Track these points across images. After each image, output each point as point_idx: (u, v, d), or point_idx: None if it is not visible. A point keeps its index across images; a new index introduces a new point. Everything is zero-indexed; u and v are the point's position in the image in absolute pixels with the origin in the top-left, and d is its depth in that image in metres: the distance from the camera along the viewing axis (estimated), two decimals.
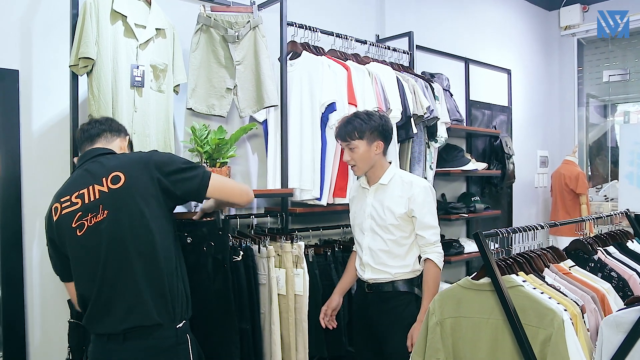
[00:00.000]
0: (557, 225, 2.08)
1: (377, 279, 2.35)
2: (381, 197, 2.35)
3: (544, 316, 1.53)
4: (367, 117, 2.32)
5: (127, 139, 2.04)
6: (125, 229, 1.72)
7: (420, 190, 2.30)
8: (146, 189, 1.75)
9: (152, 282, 1.72)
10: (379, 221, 2.34)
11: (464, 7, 4.91)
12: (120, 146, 1.98)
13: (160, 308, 1.72)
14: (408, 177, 2.39)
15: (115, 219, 1.72)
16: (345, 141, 2.33)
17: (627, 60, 6.03)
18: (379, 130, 2.31)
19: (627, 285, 1.96)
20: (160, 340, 1.73)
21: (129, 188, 1.74)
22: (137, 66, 2.41)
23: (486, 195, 4.93)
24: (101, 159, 1.84)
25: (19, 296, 2.40)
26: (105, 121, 2.00)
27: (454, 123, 4.03)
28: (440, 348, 1.74)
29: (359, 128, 2.29)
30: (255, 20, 2.83)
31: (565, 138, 6.24)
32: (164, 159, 1.82)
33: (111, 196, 1.73)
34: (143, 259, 1.72)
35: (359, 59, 3.35)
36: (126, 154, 1.92)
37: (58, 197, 1.81)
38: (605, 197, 5.97)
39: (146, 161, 1.79)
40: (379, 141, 2.32)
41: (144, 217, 1.73)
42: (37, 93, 2.46)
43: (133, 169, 1.77)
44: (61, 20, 2.44)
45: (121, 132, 2.01)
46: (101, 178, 1.76)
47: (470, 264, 4.63)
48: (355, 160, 2.33)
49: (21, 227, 2.41)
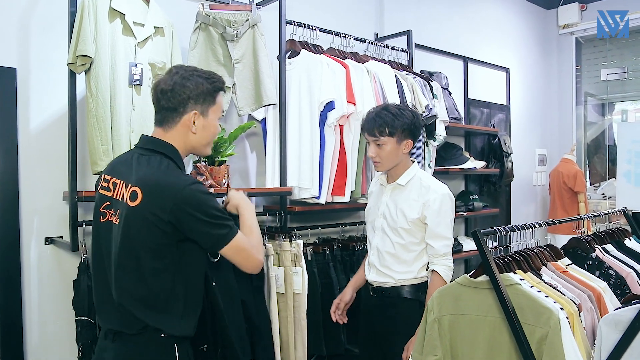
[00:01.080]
0: (555, 223, 2.07)
1: (380, 282, 2.26)
2: (396, 198, 2.24)
3: (540, 315, 1.53)
4: (399, 112, 2.15)
5: (206, 105, 1.66)
6: (122, 251, 1.57)
7: (437, 197, 2.16)
8: (150, 227, 1.53)
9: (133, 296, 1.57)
10: (390, 222, 2.23)
11: (462, 6, 4.91)
12: (184, 132, 1.65)
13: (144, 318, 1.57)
14: (427, 180, 2.25)
15: (121, 235, 1.57)
16: (373, 136, 2.16)
17: (624, 59, 6.03)
18: (410, 128, 2.16)
19: (624, 283, 1.96)
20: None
21: (137, 213, 1.54)
22: (136, 64, 2.41)
23: (484, 194, 4.94)
24: (142, 159, 1.62)
25: (17, 296, 2.39)
26: (169, 91, 1.62)
27: (453, 121, 4.03)
28: (438, 345, 1.74)
29: (391, 124, 2.13)
30: (254, 18, 2.83)
31: (563, 136, 6.24)
32: (193, 202, 1.54)
33: (126, 211, 1.57)
34: (127, 273, 1.58)
35: (358, 57, 3.35)
36: (162, 167, 1.60)
37: (110, 169, 1.69)
38: (603, 195, 5.98)
39: (173, 194, 1.53)
40: (408, 140, 2.18)
41: (137, 256, 1.55)
42: (35, 91, 2.46)
43: (153, 194, 1.54)
44: (59, 18, 2.44)
45: (187, 102, 1.63)
46: (128, 183, 1.59)
47: (468, 262, 4.64)
48: (381, 157, 2.18)
49: (19, 226, 2.41)
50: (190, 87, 1.62)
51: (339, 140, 3.00)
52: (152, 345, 1.58)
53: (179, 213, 1.52)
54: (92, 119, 2.29)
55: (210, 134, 1.71)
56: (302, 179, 2.92)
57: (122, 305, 1.57)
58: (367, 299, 2.37)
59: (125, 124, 2.37)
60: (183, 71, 1.65)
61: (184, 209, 1.53)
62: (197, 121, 1.65)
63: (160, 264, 1.57)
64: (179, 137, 1.66)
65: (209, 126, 1.68)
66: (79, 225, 2.31)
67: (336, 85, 2.95)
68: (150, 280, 1.56)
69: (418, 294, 2.23)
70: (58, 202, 2.48)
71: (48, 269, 2.48)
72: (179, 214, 1.53)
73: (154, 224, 1.53)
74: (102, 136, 2.30)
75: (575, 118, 6.21)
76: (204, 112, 1.66)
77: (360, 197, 3.15)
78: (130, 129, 2.39)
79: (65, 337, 2.46)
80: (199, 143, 1.70)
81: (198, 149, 1.72)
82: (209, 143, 1.74)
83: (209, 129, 1.69)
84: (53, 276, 2.49)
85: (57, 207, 2.49)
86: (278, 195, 3.00)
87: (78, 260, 2.37)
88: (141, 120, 2.43)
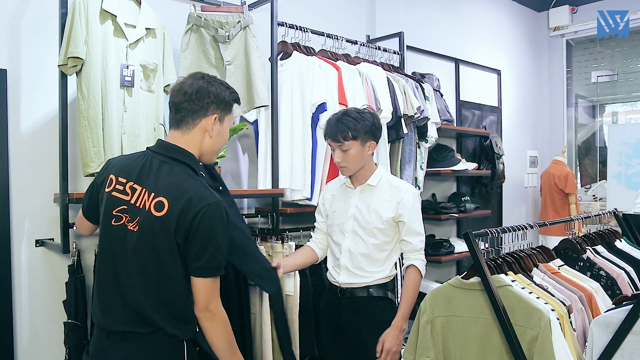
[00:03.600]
0: (547, 224, 2.08)
1: (352, 283, 2.26)
2: (367, 199, 2.27)
3: (531, 316, 1.54)
4: (359, 116, 2.20)
5: (224, 112, 1.74)
6: (141, 259, 1.62)
7: (409, 195, 2.24)
8: (172, 237, 1.59)
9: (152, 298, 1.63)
10: (363, 223, 2.25)
11: (454, 8, 4.94)
12: (201, 135, 1.71)
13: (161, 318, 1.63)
14: (396, 181, 2.33)
15: (142, 242, 1.61)
16: (337, 142, 2.20)
17: (615, 61, 6.08)
18: (372, 130, 2.21)
19: (615, 284, 1.98)
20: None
21: (163, 223, 1.58)
22: (127, 66, 2.40)
23: (476, 195, 4.96)
24: (164, 168, 1.66)
25: (7, 298, 2.38)
26: (194, 94, 1.68)
27: (445, 123, 4.04)
28: (431, 346, 1.75)
29: (353, 128, 2.17)
30: (246, 20, 2.83)
31: (554, 138, 6.28)
32: (209, 223, 1.59)
33: (149, 221, 1.60)
34: (148, 280, 1.63)
35: (350, 59, 3.36)
36: (190, 179, 1.65)
37: (119, 170, 1.69)
38: (594, 197, 6.02)
39: (199, 207, 1.58)
40: (371, 141, 2.23)
41: (157, 256, 1.61)
42: (26, 93, 2.44)
43: (179, 206, 1.58)
44: (50, 19, 2.43)
45: (209, 105, 1.69)
46: (152, 192, 1.62)
47: (460, 264, 4.66)
48: (347, 161, 2.22)
49: (9, 228, 2.39)
50: (214, 92, 1.70)
51: None
52: (163, 344, 1.64)
53: (196, 225, 1.58)
54: (83, 121, 2.28)
55: (222, 140, 1.78)
56: (294, 180, 2.92)
57: (136, 308, 1.62)
58: (333, 302, 2.34)
59: (117, 125, 2.36)
60: (208, 77, 1.74)
61: (201, 224, 1.58)
62: (215, 126, 1.72)
63: (178, 271, 1.62)
64: (195, 141, 1.71)
65: (222, 133, 1.77)
66: (70, 227, 2.30)
67: (328, 87, 2.96)
68: (169, 286, 1.62)
69: (387, 292, 2.28)
70: (49, 204, 2.47)
71: (39, 271, 2.47)
72: (195, 226, 1.58)
73: (176, 234, 1.59)
74: (94, 138, 2.29)
75: (566, 120, 6.25)
76: (221, 118, 1.74)
77: None
78: (122, 131, 2.38)
79: (56, 339, 2.43)
80: (211, 149, 1.76)
81: (208, 155, 1.77)
82: (217, 151, 1.80)
83: (222, 136, 1.77)
84: (44, 278, 2.48)
85: (48, 209, 2.47)
86: (270, 197, 2.99)
87: (68, 262, 2.35)
88: (133, 122, 2.42)
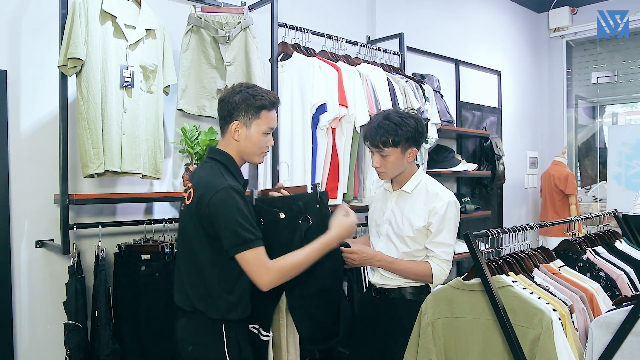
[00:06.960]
0: (547, 225, 2.08)
1: (385, 284, 2.22)
2: (402, 205, 2.18)
3: (532, 316, 1.54)
4: (401, 121, 2.07)
5: (248, 118, 1.87)
6: (182, 244, 1.91)
7: (443, 204, 2.10)
8: (196, 222, 1.79)
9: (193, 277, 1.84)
10: (396, 229, 2.17)
11: (454, 9, 4.94)
12: (231, 139, 1.89)
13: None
14: (434, 187, 2.18)
15: (180, 229, 1.96)
16: (376, 147, 2.10)
17: (615, 62, 6.08)
18: (414, 136, 2.09)
19: (615, 285, 1.97)
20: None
21: (190, 210, 1.80)
22: (127, 67, 2.40)
23: (476, 196, 4.95)
24: (204, 165, 1.91)
25: (7, 299, 2.38)
26: (219, 103, 1.91)
27: (445, 124, 4.04)
28: (432, 348, 1.74)
29: (394, 134, 2.05)
30: (246, 21, 2.83)
31: (554, 139, 6.28)
32: (221, 205, 1.72)
33: (185, 209, 1.86)
34: (185, 261, 1.87)
35: (350, 60, 3.36)
36: (213, 171, 1.84)
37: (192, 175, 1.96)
38: (594, 198, 6.02)
39: (211, 193, 1.74)
40: (413, 148, 2.12)
41: (190, 242, 1.83)
42: (26, 93, 2.44)
43: (199, 193, 1.77)
44: (50, 20, 2.43)
45: (232, 114, 1.86)
46: (191, 186, 1.85)
47: (461, 265, 4.65)
48: (385, 167, 2.12)
49: (9, 229, 2.39)
50: (236, 101, 1.84)
51: (331, 143, 3.00)
52: (202, 324, 1.81)
53: (212, 210, 1.72)
54: (83, 122, 2.28)
55: (252, 144, 1.88)
56: (294, 181, 2.91)
57: (183, 287, 1.84)
58: (367, 301, 2.34)
59: (117, 126, 2.36)
60: (240, 87, 1.89)
61: (215, 208, 1.72)
62: (239, 131, 1.85)
63: (205, 254, 1.78)
64: (229, 144, 1.88)
65: (251, 137, 1.87)
66: (70, 228, 2.30)
67: (328, 88, 2.96)
68: (199, 267, 1.79)
69: (421, 297, 2.17)
70: (49, 204, 2.47)
71: (39, 272, 2.47)
72: (212, 211, 1.72)
73: (199, 219, 1.76)
74: (93, 139, 2.29)
75: (566, 121, 6.25)
76: (247, 124, 1.86)
77: (352, 199, 3.15)
78: (122, 132, 2.38)
79: (56, 340, 2.43)
80: (244, 152, 1.89)
81: (248, 156, 1.92)
82: (255, 152, 1.91)
83: (251, 140, 1.87)
84: (44, 279, 2.48)
85: (48, 210, 2.47)
86: None
87: (69, 263, 2.35)
88: (132, 123, 2.42)
